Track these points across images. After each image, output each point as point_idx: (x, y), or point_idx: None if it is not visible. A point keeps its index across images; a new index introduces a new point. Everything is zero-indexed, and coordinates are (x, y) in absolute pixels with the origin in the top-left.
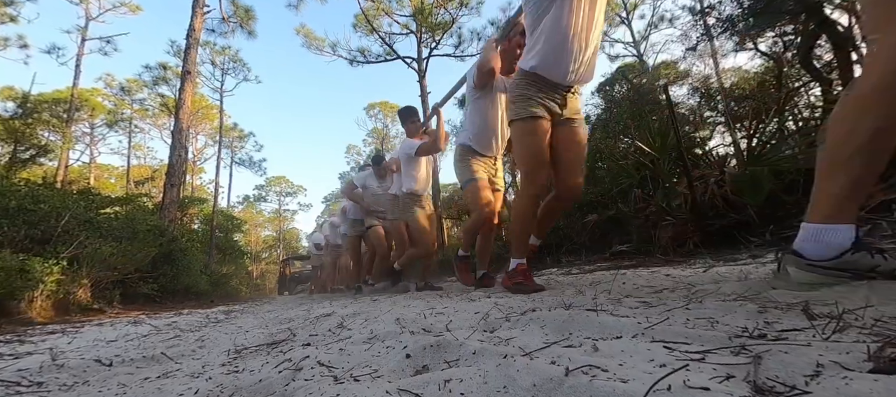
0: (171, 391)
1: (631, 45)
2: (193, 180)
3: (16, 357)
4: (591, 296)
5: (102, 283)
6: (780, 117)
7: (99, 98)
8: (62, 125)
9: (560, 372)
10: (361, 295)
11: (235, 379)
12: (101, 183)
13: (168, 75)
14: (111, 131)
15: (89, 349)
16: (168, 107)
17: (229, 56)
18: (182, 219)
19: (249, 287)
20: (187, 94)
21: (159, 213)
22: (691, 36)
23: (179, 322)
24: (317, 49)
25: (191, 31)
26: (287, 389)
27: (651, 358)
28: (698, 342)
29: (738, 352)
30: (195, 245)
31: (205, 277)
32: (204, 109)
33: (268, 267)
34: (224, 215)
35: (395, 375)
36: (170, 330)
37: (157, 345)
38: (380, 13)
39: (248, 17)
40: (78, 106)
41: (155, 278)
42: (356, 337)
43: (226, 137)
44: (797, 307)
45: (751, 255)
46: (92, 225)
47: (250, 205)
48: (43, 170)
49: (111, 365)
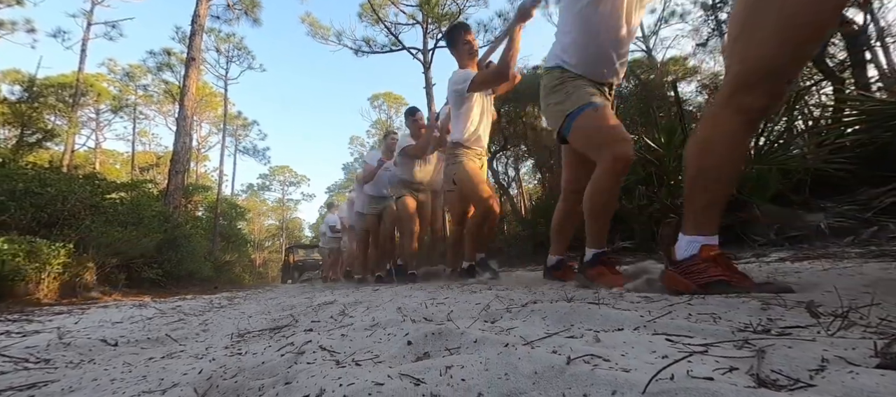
0: (175, 370)
1: (639, 40)
2: (198, 168)
3: (23, 335)
4: (593, 289)
5: (107, 267)
6: (790, 116)
7: (103, 83)
8: (68, 110)
9: (562, 361)
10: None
11: (238, 360)
12: (106, 168)
13: (172, 61)
14: (116, 117)
15: (95, 329)
16: (172, 93)
17: (234, 43)
18: (186, 206)
19: (252, 274)
20: (192, 80)
21: (164, 200)
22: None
23: (183, 306)
24: (322, 38)
25: (196, 17)
26: (289, 371)
27: (653, 349)
28: (701, 335)
29: (742, 346)
30: (199, 232)
31: (208, 264)
32: (208, 97)
33: (271, 255)
34: (228, 203)
35: (396, 361)
36: (174, 314)
37: (162, 328)
38: (386, 2)
39: (253, 4)
40: (83, 91)
41: (159, 263)
42: (358, 324)
43: (230, 125)
44: (801, 305)
45: (754, 254)
46: (98, 209)
47: (254, 194)
48: (49, 154)
49: (116, 345)
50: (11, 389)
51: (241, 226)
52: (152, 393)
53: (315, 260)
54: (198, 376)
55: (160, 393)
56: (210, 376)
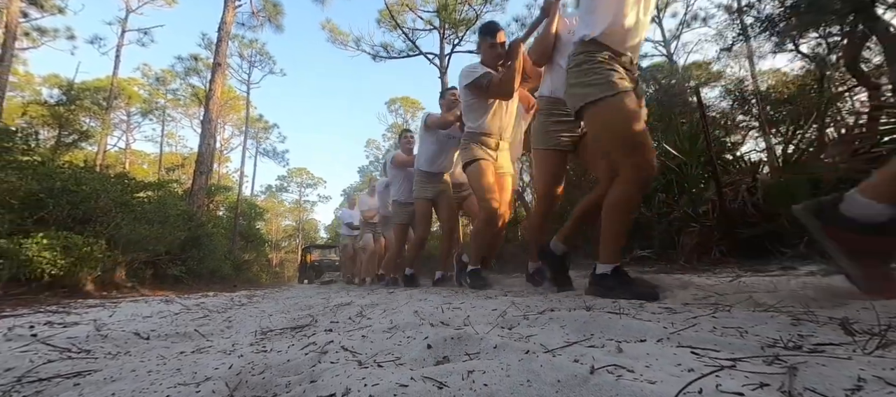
0: (206, 365)
1: (660, 44)
2: (220, 168)
3: (64, 326)
4: (612, 298)
5: (135, 263)
6: (821, 123)
7: (135, 87)
8: (102, 112)
9: (585, 370)
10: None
11: (264, 357)
12: (135, 168)
13: (199, 67)
14: (145, 119)
15: (128, 322)
16: (198, 97)
17: (257, 49)
18: (209, 205)
19: (269, 274)
20: (217, 85)
21: (188, 199)
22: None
23: (206, 303)
24: (341, 44)
25: (222, 24)
26: (314, 370)
27: (678, 362)
28: (728, 349)
29: (772, 362)
30: (220, 231)
31: (228, 262)
32: (231, 100)
33: (287, 255)
34: (247, 203)
35: (417, 363)
36: (198, 310)
37: (189, 323)
38: (404, 9)
39: (276, 11)
40: (116, 94)
41: (183, 261)
42: (376, 326)
43: (251, 128)
44: (834, 321)
45: (781, 267)
46: (127, 207)
47: (272, 195)
48: (83, 154)
49: (148, 339)
50: (60, 377)
51: (260, 226)
52: (187, 385)
53: (332, 260)
54: (228, 371)
55: (195, 386)
56: (239, 371)
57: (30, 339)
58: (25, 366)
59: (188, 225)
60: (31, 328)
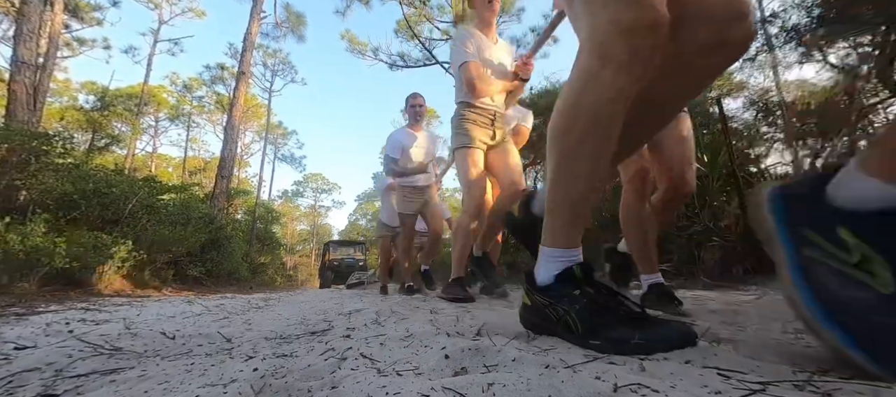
0: (231, 367)
1: None
2: (239, 173)
3: (97, 323)
4: None
5: (159, 263)
6: (852, 135)
7: (164, 94)
8: (132, 117)
9: (608, 388)
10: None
11: (285, 362)
12: (160, 171)
13: (224, 75)
14: (172, 124)
15: (154, 322)
16: (222, 104)
17: (279, 58)
18: (228, 209)
19: (283, 277)
20: (241, 92)
21: (209, 202)
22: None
23: (226, 305)
24: (359, 53)
25: (248, 34)
26: (335, 376)
27: (704, 383)
28: (757, 372)
29: (804, 387)
30: (238, 234)
31: (245, 265)
32: (253, 107)
33: (300, 259)
34: (265, 207)
35: (435, 373)
36: (219, 312)
37: (211, 324)
38: (421, 19)
39: (299, 22)
40: (147, 100)
41: (203, 262)
42: (392, 334)
43: (271, 134)
44: None
45: None
46: (152, 209)
47: (288, 200)
48: (113, 157)
49: (174, 339)
50: (96, 373)
51: (276, 230)
52: (215, 385)
53: (355, 259)
54: (252, 374)
55: (222, 387)
56: (263, 375)
57: (67, 335)
58: (64, 362)
59: (209, 227)
60: (67, 324)
